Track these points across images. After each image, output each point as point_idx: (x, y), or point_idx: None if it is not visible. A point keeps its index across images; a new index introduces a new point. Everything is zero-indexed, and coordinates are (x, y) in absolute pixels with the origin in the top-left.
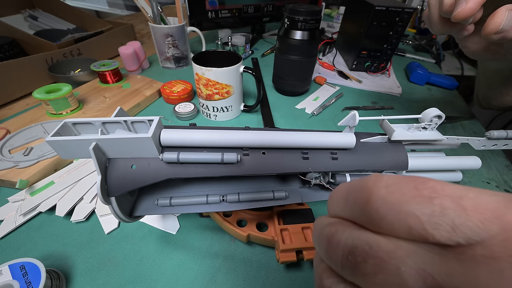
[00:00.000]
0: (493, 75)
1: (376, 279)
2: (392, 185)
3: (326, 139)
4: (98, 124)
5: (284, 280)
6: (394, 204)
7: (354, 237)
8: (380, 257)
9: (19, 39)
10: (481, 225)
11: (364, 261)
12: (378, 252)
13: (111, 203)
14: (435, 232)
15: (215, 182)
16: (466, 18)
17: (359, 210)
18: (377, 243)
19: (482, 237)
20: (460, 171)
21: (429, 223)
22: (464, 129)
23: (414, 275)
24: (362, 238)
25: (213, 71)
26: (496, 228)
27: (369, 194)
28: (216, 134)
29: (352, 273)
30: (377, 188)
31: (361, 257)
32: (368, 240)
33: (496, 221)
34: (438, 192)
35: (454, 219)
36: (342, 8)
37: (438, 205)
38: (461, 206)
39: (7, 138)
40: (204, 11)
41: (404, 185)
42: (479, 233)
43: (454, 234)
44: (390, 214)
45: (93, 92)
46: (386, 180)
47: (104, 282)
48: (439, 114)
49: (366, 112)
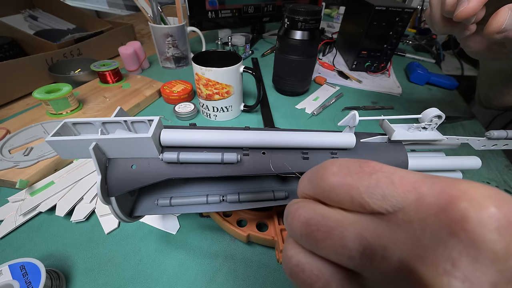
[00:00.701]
0: (494, 74)
1: (325, 243)
2: (343, 164)
3: (326, 139)
4: (98, 124)
5: (284, 280)
6: (341, 177)
7: (311, 210)
8: (329, 225)
9: (19, 39)
10: (403, 195)
11: (317, 229)
12: (328, 221)
13: (111, 203)
14: (369, 201)
15: (215, 182)
16: (468, 18)
17: (316, 185)
18: (328, 214)
19: (403, 204)
20: (460, 171)
21: (365, 193)
22: (464, 129)
23: (353, 238)
24: (318, 211)
25: (213, 71)
26: (413, 197)
27: (324, 171)
28: (216, 134)
29: (308, 240)
30: (331, 166)
31: (314, 226)
32: (322, 212)
33: (413, 192)
34: (376, 169)
35: (384, 190)
36: (342, 8)
37: (374, 179)
38: (391, 180)
39: (7, 138)
40: (204, 11)
41: (352, 164)
42: (401, 201)
43: (384, 202)
44: (337, 186)
45: (93, 92)
46: (339, 161)
47: (104, 282)
48: (439, 114)
49: (366, 112)
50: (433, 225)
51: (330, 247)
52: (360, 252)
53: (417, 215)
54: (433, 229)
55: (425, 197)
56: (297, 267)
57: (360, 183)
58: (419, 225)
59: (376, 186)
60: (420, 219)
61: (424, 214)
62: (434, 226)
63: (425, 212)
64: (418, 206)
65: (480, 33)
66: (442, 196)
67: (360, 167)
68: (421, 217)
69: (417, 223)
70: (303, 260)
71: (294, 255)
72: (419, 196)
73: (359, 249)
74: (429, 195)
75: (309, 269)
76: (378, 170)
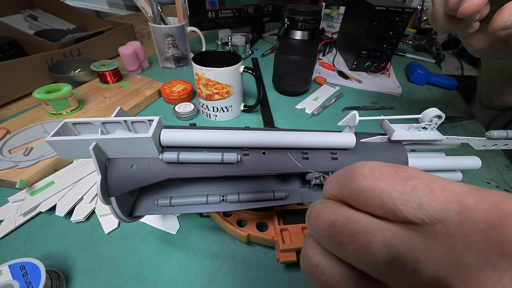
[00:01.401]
0: (496, 73)
1: (349, 247)
2: (375, 167)
3: (326, 139)
4: (98, 124)
5: (284, 280)
6: (372, 180)
7: (337, 212)
8: (355, 229)
9: (19, 39)
10: (443, 206)
11: (342, 232)
12: (355, 225)
13: (111, 203)
14: (403, 208)
15: (215, 182)
16: (472, 14)
17: (345, 186)
18: (355, 217)
19: (443, 216)
20: (460, 171)
21: (398, 199)
22: (464, 129)
23: (382, 246)
24: (344, 213)
25: (213, 71)
26: (455, 209)
27: (354, 172)
28: (216, 134)
29: (331, 242)
30: (362, 168)
31: (339, 228)
32: (348, 215)
33: (457, 204)
34: (413, 175)
35: (421, 198)
36: (342, 8)
37: (410, 185)
38: (430, 188)
39: (7, 138)
40: (204, 11)
41: (385, 168)
42: (441, 213)
43: (419, 211)
44: (367, 189)
45: (93, 92)
46: (371, 164)
47: (104, 282)
48: (439, 114)
49: (366, 112)
50: (479, 243)
51: (354, 252)
52: (388, 261)
53: (460, 229)
54: (480, 248)
55: (471, 211)
56: (316, 268)
57: (394, 188)
58: (461, 241)
59: (411, 193)
60: (464, 234)
61: (469, 230)
62: (481, 244)
63: (471, 227)
64: (461, 220)
65: (483, 31)
66: (492, 211)
67: (395, 171)
68: (465, 233)
69: (460, 238)
70: (323, 262)
71: (314, 256)
72: (463, 209)
73: (387, 258)
74: (476, 209)
75: (328, 272)
76: (415, 176)
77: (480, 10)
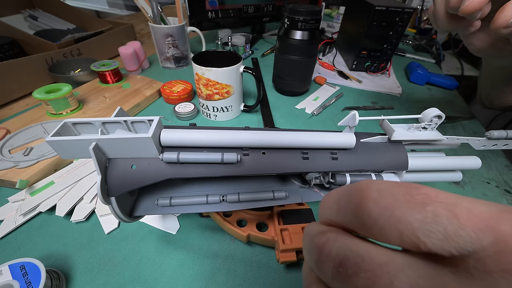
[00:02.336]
0: (497, 73)
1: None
2: (385, 189)
3: (326, 139)
4: (98, 124)
5: (284, 280)
6: (386, 208)
7: (345, 247)
8: (373, 271)
9: (19, 39)
10: (474, 235)
11: (356, 274)
12: (371, 265)
13: (111, 203)
14: (426, 240)
15: (215, 182)
16: (474, 13)
17: (352, 214)
18: (369, 254)
19: (475, 247)
20: (460, 171)
21: (420, 230)
22: (464, 129)
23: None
24: (354, 248)
25: (213, 71)
26: (489, 238)
27: (362, 197)
28: (216, 134)
29: (343, 286)
30: (370, 191)
31: (352, 270)
32: (360, 251)
33: (490, 231)
34: (431, 198)
35: (446, 226)
36: (342, 8)
37: (430, 211)
38: (454, 213)
39: (7, 138)
40: (204, 11)
41: (397, 190)
42: (472, 243)
43: (446, 243)
44: (382, 218)
45: (93, 92)
46: (379, 184)
47: (104, 282)
48: (439, 114)
49: (366, 112)
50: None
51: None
52: None
53: (499, 264)
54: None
55: (508, 240)
56: None
57: (412, 217)
58: (503, 278)
59: (434, 221)
60: (504, 270)
61: (511, 264)
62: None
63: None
64: (499, 252)
65: (485, 30)
66: None
67: (409, 194)
68: (506, 268)
69: (500, 275)
70: None
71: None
72: (499, 238)
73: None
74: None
75: None
76: (434, 199)
77: (482, 9)
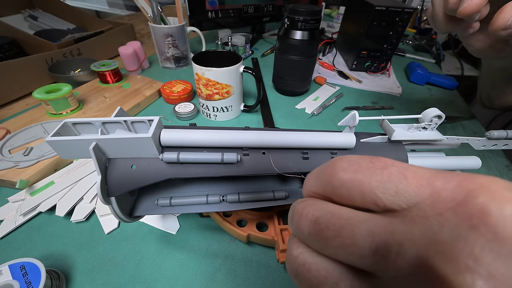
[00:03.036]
0: (497, 73)
1: (335, 242)
2: (353, 160)
3: (326, 139)
4: (98, 124)
5: (284, 280)
6: (352, 172)
7: (320, 208)
8: (339, 223)
9: (19, 39)
10: (417, 190)
11: (327, 228)
12: (339, 219)
13: (111, 203)
14: (382, 196)
15: (215, 182)
16: (472, 14)
17: (326, 181)
18: (338, 212)
19: (418, 200)
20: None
21: (378, 188)
22: (464, 129)
23: (365, 236)
24: (327, 209)
25: (213, 71)
26: (428, 192)
27: (333, 167)
28: (216, 134)
29: (316, 239)
30: (341, 161)
31: (324, 224)
32: (332, 210)
33: (428, 187)
34: (388, 164)
35: (397, 185)
36: (342, 8)
37: (386, 174)
38: (404, 175)
39: (7, 138)
40: (204, 11)
41: (362, 160)
42: (416, 197)
43: (397, 198)
44: (348, 181)
45: (93, 92)
46: (349, 157)
47: (104, 282)
48: (439, 114)
49: (366, 112)
50: (451, 219)
51: (340, 246)
52: (373, 250)
53: (433, 210)
54: (452, 224)
55: (440, 192)
56: (303, 267)
57: (372, 178)
58: (436, 220)
59: (388, 181)
60: (437, 214)
61: (441, 209)
62: (453, 220)
63: (442, 207)
64: (433, 201)
65: (483, 31)
66: (458, 190)
67: (371, 162)
68: (438, 212)
69: (434, 218)
70: (309, 260)
71: (300, 255)
72: (434, 191)
73: (371, 247)
74: (445, 190)
75: (315, 269)
76: (390, 165)
77: (480, 10)
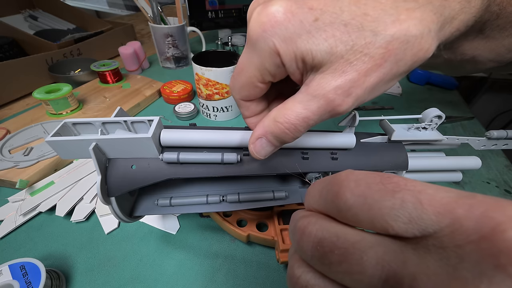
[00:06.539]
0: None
1: (340, 267)
2: (361, 180)
3: (326, 139)
4: (98, 124)
5: (284, 280)
6: (360, 196)
7: (324, 229)
8: (346, 248)
9: (19, 39)
10: (434, 218)
11: (331, 251)
12: (344, 243)
13: (111, 203)
14: (394, 224)
15: (215, 182)
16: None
17: (331, 202)
18: (344, 234)
19: (434, 229)
20: (460, 171)
21: (389, 215)
22: (464, 129)
23: (374, 264)
24: (331, 230)
25: (213, 71)
26: (447, 221)
27: (340, 187)
28: (216, 134)
29: (320, 262)
30: (347, 181)
31: (328, 247)
32: (337, 232)
33: (447, 215)
34: (400, 186)
35: (411, 212)
36: None
37: (399, 198)
38: (419, 200)
39: (7, 138)
40: (204, 11)
41: (371, 180)
42: (432, 226)
43: (410, 226)
44: (356, 206)
45: (93, 92)
46: (356, 175)
47: (104, 282)
48: (439, 114)
49: (366, 112)
50: (473, 254)
51: (346, 272)
52: (382, 280)
53: (453, 241)
54: (474, 260)
55: (462, 221)
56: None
57: (383, 204)
58: (454, 252)
59: (401, 207)
60: (456, 246)
61: (461, 241)
62: (475, 256)
63: (463, 238)
64: (453, 231)
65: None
66: (484, 221)
67: (381, 183)
68: (458, 244)
69: (453, 250)
70: (312, 282)
71: (302, 275)
72: (454, 220)
73: (381, 277)
74: (467, 219)
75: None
76: (403, 187)
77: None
